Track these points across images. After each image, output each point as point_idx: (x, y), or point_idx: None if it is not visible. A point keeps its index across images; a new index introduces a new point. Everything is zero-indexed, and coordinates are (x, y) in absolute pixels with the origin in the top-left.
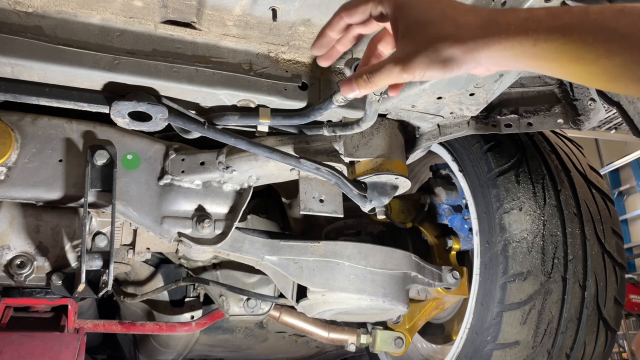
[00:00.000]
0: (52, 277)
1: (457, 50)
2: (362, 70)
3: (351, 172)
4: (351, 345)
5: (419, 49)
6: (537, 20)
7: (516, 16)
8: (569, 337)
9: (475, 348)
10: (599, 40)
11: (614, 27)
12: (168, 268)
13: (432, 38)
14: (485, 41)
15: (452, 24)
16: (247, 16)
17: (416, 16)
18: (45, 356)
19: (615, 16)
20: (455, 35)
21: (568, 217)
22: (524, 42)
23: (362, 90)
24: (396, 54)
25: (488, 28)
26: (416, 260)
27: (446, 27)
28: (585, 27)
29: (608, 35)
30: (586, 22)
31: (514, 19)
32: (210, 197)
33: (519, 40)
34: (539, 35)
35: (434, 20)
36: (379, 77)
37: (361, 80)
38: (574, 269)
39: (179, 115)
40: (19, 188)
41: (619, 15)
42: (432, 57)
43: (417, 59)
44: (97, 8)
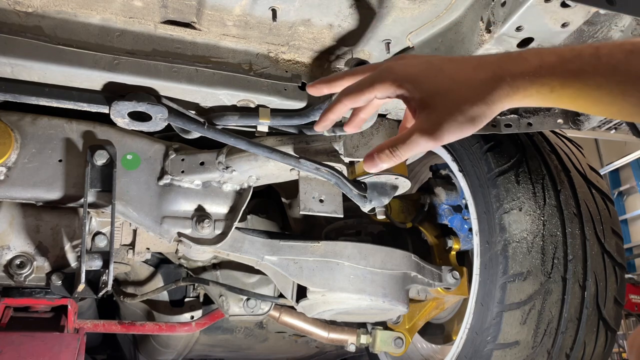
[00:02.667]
0: (52, 277)
1: (481, 107)
2: (384, 145)
3: (351, 172)
4: (351, 345)
5: (443, 116)
6: (550, 68)
7: (528, 65)
8: (569, 337)
9: (475, 348)
10: (613, 83)
11: (627, 68)
12: (168, 268)
13: (453, 104)
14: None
15: (467, 86)
16: (247, 16)
17: (429, 89)
18: (45, 356)
19: (627, 58)
20: (475, 96)
21: (568, 217)
22: (542, 90)
23: (387, 164)
24: (420, 125)
25: (503, 81)
26: (416, 260)
27: (463, 91)
28: (598, 71)
29: (621, 77)
30: (598, 66)
31: (527, 68)
32: (210, 197)
33: (537, 89)
34: (554, 83)
35: (448, 88)
36: (405, 150)
37: (384, 155)
38: (573, 269)
39: (179, 115)
40: (19, 188)
41: (630, 56)
42: (460, 120)
43: (445, 126)
44: (97, 8)
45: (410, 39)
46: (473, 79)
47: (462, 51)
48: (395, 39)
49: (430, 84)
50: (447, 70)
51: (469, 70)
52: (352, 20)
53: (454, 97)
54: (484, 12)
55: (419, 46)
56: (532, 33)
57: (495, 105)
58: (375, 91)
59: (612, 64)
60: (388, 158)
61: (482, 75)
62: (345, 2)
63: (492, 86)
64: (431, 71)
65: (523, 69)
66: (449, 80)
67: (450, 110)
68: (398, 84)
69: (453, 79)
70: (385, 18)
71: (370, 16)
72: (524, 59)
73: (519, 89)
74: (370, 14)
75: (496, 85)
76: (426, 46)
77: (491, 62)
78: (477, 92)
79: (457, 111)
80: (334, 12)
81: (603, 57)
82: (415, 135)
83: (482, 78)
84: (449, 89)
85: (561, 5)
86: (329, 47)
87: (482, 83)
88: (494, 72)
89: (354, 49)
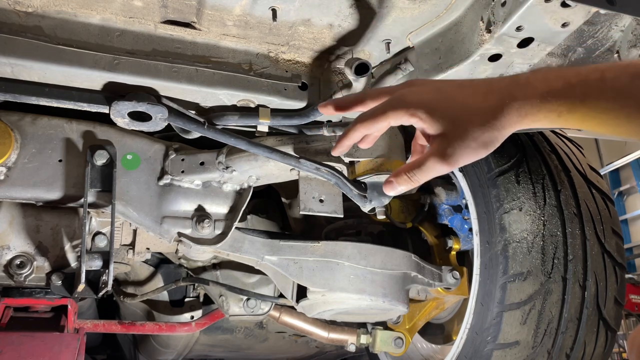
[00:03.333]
0: (52, 277)
1: (492, 132)
2: (402, 169)
3: (351, 172)
4: (351, 345)
5: (457, 142)
6: (556, 94)
7: (535, 91)
8: (569, 337)
9: (475, 348)
10: (618, 107)
11: (630, 92)
12: (168, 268)
13: (466, 130)
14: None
15: (478, 113)
16: (247, 16)
17: (441, 116)
18: (45, 356)
19: (632, 81)
20: (486, 122)
21: (568, 217)
22: (549, 116)
23: (405, 188)
24: (435, 150)
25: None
26: (416, 260)
27: (474, 118)
28: (604, 96)
29: (626, 101)
30: (603, 89)
31: (534, 94)
32: (210, 197)
33: (544, 115)
34: (561, 108)
35: (460, 115)
36: (421, 174)
37: (402, 180)
38: (574, 269)
39: (179, 115)
40: (19, 188)
41: (635, 79)
42: (473, 146)
43: (459, 152)
44: (97, 8)
45: (410, 39)
46: (483, 106)
47: (462, 51)
48: (396, 38)
49: (443, 112)
50: (458, 98)
51: (479, 97)
52: (352, 20)
53: (466, 124)
54: (484, 12)
55: (419, 46)
56: (532, 33)
57: (505, 130)
58: (389, 119)
59: (617, 88)
60: (406, 182)
61: (491, 102)
62: (345, 2)
63: (501, 112)
64: (443, 98)
65: (530, 95)
66: (461, 107)
67: (463, 137)
68: (411, 113)
69: (464, 106)
70: (385, 18)
71: (370, 16)
72: (532, 86)
73: (527, 114)
74: (370, 14)
75: (505, 111)
76: (426, 46)
77: (500, 89)
78: (487, 118)
79: (470, 137)
80: (334, 12)
81: (608, 81)
82: (431, 160)
83: (492, 105)
84: (461, 115)
85: (561, 5)
86: (329, 47)
87: (491, 109)
88: (502, 99)
89: (354, 49)
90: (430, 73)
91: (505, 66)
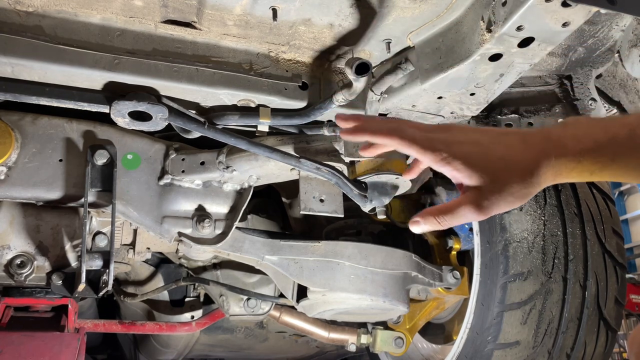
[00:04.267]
0: (52, 277)
1: (529, 188)
2: (431, 211)
3: (351, 172)
4: (351, 345)
5: (494, 194)
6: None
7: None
8: (570, 337)
9: (475, 348)
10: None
11: None
12: (168, 268)
13: (504, 184)
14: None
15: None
16: (247, 16)
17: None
18: (46, 356)
19: None
20: (523, 177)
21: (568, 217)
22: (583, 174)
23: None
24: (471, 200)
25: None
26: (416, 260)
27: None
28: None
29: None
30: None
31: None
32: (210, 197)
33: (578, 173)
34: (594, 167)
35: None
36: (452, 220)
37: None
38: (574, 269)
39: (179, 115)
40: (19, 188)
41: None
42: (510, 200)
43: (495, 204)
44: (97, 8)
45: (410, 39)
46: (520, 162)
47: (463, 51)
48: (396, 38)
49: (482, 165)
50: (496, 152)
51: (516, 151)
52: (352, 19)
53: (504, 178)
54: (485, 12)
55: (420, 45)
56: (532, 33)
57: (540, 186)
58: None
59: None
60: (433, 225)
61: (528, 158)
62: (345, 1)
63: (537, 171)
64: (481, 151)
65: (563, 154)
66: (499, 162)
67: (501, 191)
68: (447, 162)
69: (502, 161)
70: (386, 17)
71: (371, 16)
72: (563, 145)
73: (561, 173)
74: (371, 14)
75: (542, 170)
76: (427, 46)
77: (535, 144)
78: (525, 175)
79: (507, 192)
80: (335, 12)
81: (637, 137)
82: (465, 209)
83: (528, 161)
84: (499, 169)
85: (562, 4)
86: (329, 46)
87: (529, 167)
88: (537, 156)
89: (354, 49)
90: (430, 72)
91: (506, 66)
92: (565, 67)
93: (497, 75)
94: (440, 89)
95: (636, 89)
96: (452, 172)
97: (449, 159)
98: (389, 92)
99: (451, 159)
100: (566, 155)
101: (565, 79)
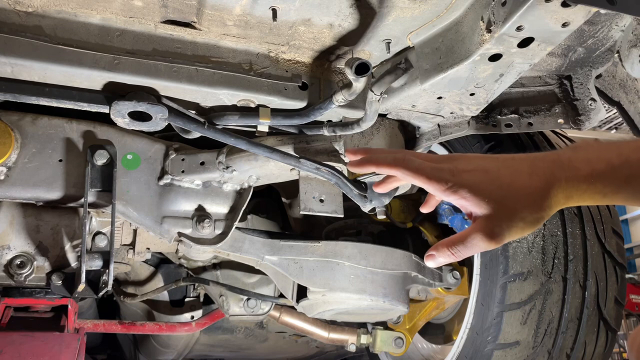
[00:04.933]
0: (52, 277)
1: (540, 213)
2: (444, 244)
3: (351, 172)
4: (351, 345)
5: (505, 221)
6: (599, 176)
7: (578, 173)
8: (570, 337)
9: (475, 348)
10: None
11: None
12: (168, 268)
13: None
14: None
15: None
16: (247, 16)
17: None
18: (46, 356)
19: None
20: (533, 203)
21: (568, 217)
22: (595, 197)
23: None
24: (482, 229)
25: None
26: (416, 260)
27: (522, 199)
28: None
29: None
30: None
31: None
32: (210, 197)
33: (590, 196)
34: (606, 190)
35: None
36: (465, 251)
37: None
38: (574, 269)
39: (179, 115)
40: (19, 188)
41: None
42: (521, 226)
43: (507, 231)
44: (97, 8)
45: (410, 39)
46: (529, 187)
47: (463, 51)
48: (396, 38)
49: (489, 193)
50: (504, 178)
51: (524, 177)
52: (352, 19)
53: (513, 204)
54: (485, 12)
55: (419, 46)
56: (532, 33)
57: (552, 210)
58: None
59: None
60: (448, 257)
61: (537, 183)
62: (345, 1)
63: (548, 195)
64: (488, 178)
65: (574, 177)
66: (507, 188)
67: (512, 218)
68: (454, 190)
69: (510, 187)
70: (385, 18)
71: (370, 16)
72: (574, 167)
73: (572, 196)
74: (370, 14)
75: (552, 194)
76: (426, 46)
77: (543, 169)
78: (535, 199)
79: (518, 218)
80: (335, 12)
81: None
82: (476, 239)
83: (538, 186)
84: (507, 196)
85: (562, 5)
86: (329, 46)
87: (539, 192)
88: (547, 180)
89: (354, 49)
90: (430, 73)
91: (506, 66)
92: (565, 67)
93: (497, 75)
94: (440, 89)
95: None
96: (459, 200)
97: (455, 187)
98: (388, 92)
99: (457, 188)
100: (577, 178)
101: (565, 79)
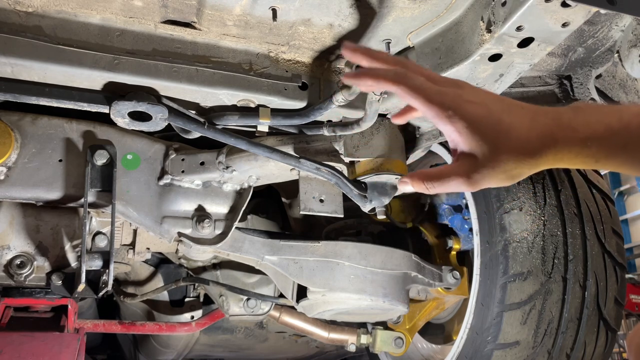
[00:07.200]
0: (52, 277)
1: (524, 168)
2: (421, 175)
3: (351, 172)
4: (351, 345)
5: (486, 169)
6: (597, 140)
7: (576, 135)
8: (570, 337)
9: (475, 348)
10: None
11: None
12: (168, 268)
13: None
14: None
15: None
16: (247, 16)
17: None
18: (46, 356)
19: None
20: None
21: (568, 217)
22: (587, 161)
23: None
24: (462, 171)
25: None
26: (416, 260)
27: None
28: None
29: None
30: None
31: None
32: (210, 197)
33: (582, 160)
34: (599, 155)
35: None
36: (439, 187)
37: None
38: (574, 269)
39: (179, 115)
40: (19, 188)
41: None
42: (501, 177)
43: (486, 179)
44: (97, 8)
45: (410, 39)
46: (525, 140)
47: (463, 51)
48: (396, 38)
49: (485, 134)
50: (503, 124)
51: (524, 129)
52: (352, 19)
53: (502, 153)
54: (485, 12)
55: (419, 46)
56: (532, 33)
57: (537, 169)
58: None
59: None
60: (421, 189)
61: (533, 139)
62: (345, 1)
63: (539, 152)
64: (488, 117)
65: (571, 139)
66: (504, 135)
67: (494, 166)
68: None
69: (507, 135)
70: (385, 18)
71: (370, 16)
72: (573, 129)
73: (563, 158)
74: (370, 14)
75: (543, 152)
76: (426, 46)
77: (543, 125)
78: (524, 153)
79: (501, 168)
80: (334, 12)
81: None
82: (453, 179)
83: (532, 140)
84: (501, 143)
85: (562, 5)
86: (329, 46)
87: (530, 145)
88: (543, 137)
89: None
90: None
91: (506, 66)
92: (565, 67)
93: (497, 75)
94: None
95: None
96: (452, 132)
97: (455, 118)
98: (389, 92)
99: (457, 119)
100: (573, 140)
101: (565, 79)
